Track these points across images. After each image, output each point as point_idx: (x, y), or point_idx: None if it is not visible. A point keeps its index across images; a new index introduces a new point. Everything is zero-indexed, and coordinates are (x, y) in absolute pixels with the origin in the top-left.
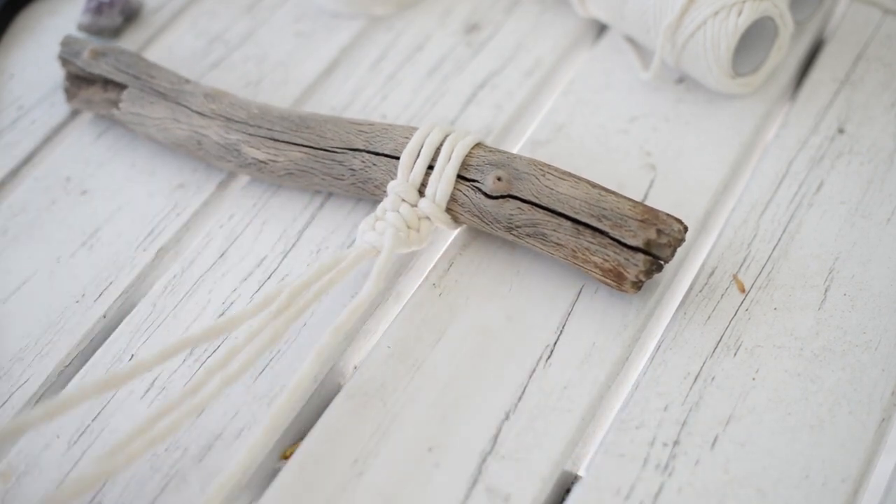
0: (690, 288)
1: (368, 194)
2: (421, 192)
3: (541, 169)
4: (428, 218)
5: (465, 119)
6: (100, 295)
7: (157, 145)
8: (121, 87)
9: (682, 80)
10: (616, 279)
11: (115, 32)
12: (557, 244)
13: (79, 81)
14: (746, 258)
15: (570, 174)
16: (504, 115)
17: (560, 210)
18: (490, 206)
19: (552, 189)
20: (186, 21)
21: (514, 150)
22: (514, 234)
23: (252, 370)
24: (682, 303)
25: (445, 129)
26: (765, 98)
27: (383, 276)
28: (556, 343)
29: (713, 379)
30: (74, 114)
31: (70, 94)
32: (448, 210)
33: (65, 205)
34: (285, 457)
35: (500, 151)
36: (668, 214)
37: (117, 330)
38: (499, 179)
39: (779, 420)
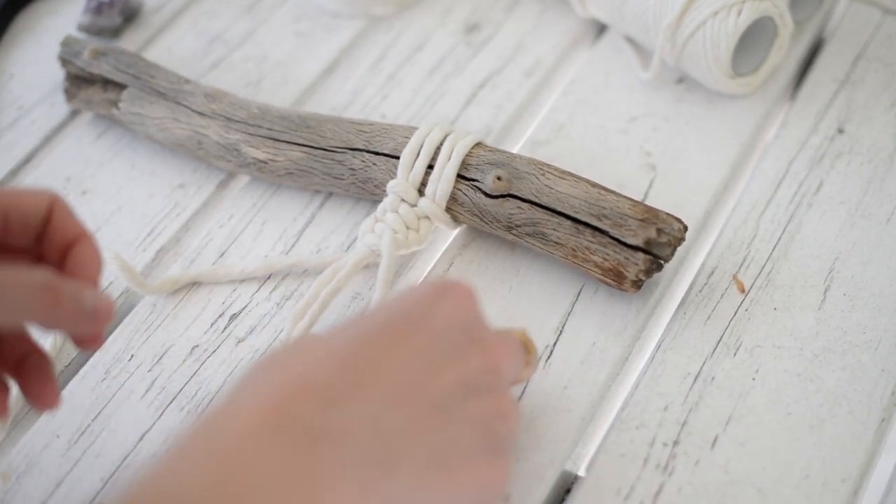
0: (690, 288)
1: (368, 194)
2: (421, 192)
3: (540, 168)
4: (427, 217)
5: (465, 119)
6: None
7: (157, 145)
8: (121, 87)
9: (682, 80)
10: (616, 278)
11: (115, 32)
12: (557, 243)
13: (79, 81)
14: (746, 258)
15: (569, 173)
16: (504, 115)
17: (560, 209)
18: (490, 205)
19: (552, 188)
20: (186, 21)
21: (514, 150)
22: (513, 234)
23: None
24: (682, 303)
25: (445, 129)
26: (765, 98)
27: (389, 283)
28: (556, 343)
29: (713, 379)
30: (74, 114)
31: (70, 94)
32: (448, 209)
33: None
34: None
35: (499, 151)
36: (668, 213)
37: (117, 330)
38: (499, 179)
39: (779, 420)
